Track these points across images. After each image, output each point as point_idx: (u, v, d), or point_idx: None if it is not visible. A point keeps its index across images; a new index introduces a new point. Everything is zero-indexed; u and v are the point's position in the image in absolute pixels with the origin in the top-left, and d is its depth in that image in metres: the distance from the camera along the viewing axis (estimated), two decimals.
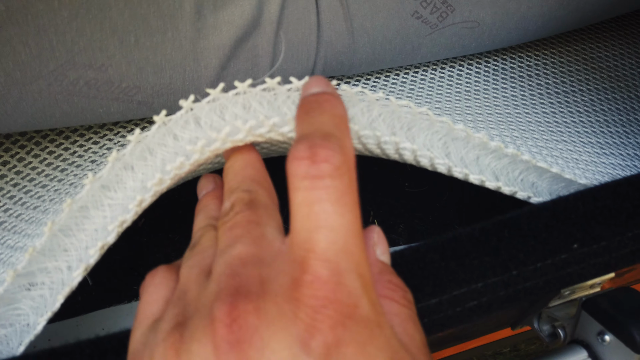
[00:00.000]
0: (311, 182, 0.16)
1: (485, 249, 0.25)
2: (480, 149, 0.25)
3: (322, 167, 0.16)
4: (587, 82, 0.48)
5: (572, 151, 0.37)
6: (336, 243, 0.15)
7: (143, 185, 0.22)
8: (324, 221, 0.16)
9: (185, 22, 0.29)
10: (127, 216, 0.22)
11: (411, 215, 0.40)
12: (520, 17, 0.38)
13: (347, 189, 0.16)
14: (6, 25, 0.22)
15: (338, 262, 0.15)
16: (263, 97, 0.22)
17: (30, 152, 0.39)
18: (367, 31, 0.36)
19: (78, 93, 0.29)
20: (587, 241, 0.25)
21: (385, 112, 0.23)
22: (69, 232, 0.23)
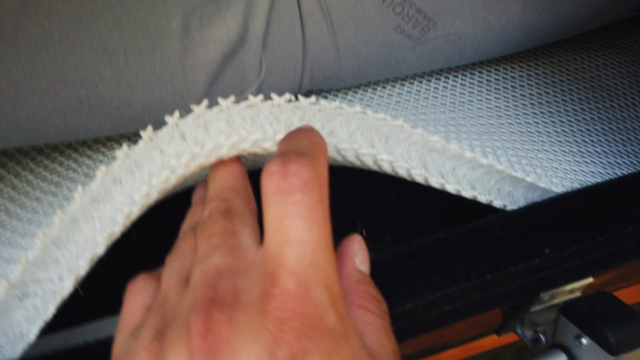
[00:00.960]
0: (282, 197, 0.17)
1: (459, 254, 0.26)
2: (457, 160, 0.26)
3: (292, 181, 0.17)
4: (571, 93, 0.49)
5: (552, 160, 0.38)
6: (305, 257, 0.16)
7: (131, 198, 0.23)
8: (293, 236, 0.16)
9: (172, 40, 0.30)
10: (116, 228, 0.23)
11: (398, 225, 0.41)
12: (500, 29, 0.40)
13: (317, 204, 0.17)
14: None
15: (306, 276, 0.16)
16: (246, 113, 0.23)
17: (25, 166, 0.39)
18: (352, 46, 0.37)
19: (71, 110, 0.31)
20: (559, 246, 0.26)
21: (363, 125, 0.24)
22: (59, 244, 0.23)
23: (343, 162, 0.26)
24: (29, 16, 0.22)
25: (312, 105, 0.23)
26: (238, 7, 0.30)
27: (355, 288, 0.20)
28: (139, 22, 0.27)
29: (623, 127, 0.46)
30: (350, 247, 0.22)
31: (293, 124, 0.23)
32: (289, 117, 0.22)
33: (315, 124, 0.23)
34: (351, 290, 0.20)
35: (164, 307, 0.18)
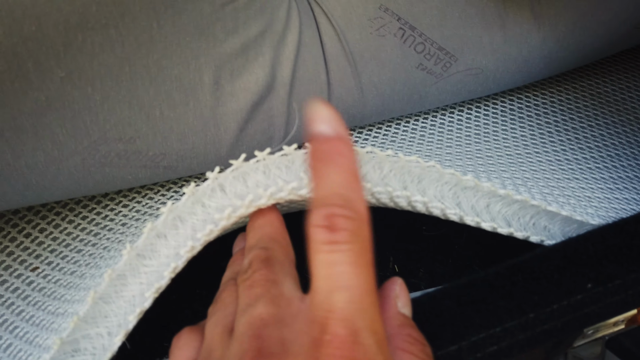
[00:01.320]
0: (330, 247, 0.17)
1: (499, 293, 0.26)
2: (490, 197, 0.26)
3: (339, 235, 0.17)
4: (596, 117, 0.49)
5: (584, 189, 0.38)
6: (353, 302, 0.17)
7: (176, 252, 0.23)
8: (342, 282, 0.17)
9: (205, 93, 0.31)
10: (162, 282, 0.24)
11: (431, 259, 0.41)
12: (522, 60, 0.40)
13: (362, 250, 0.17)
14: (46, 112, 0.24)
15: (355, 321, 0.16)
16: (281, 162, 0.24)
17: (65, 218, 0.41)
18: (375, 85, 0.38)
19: (109, 164, 0.32)
20: (601, 280, 0.26)
21: (395, 168, 0.25)
22: (108, 300, 0.24)
23: (377, 203, 0.27)
24: (73, 83, 0.24)
25: None
26: (266, 57, 0.32)
27: (399, 331, 0.20)
28: (174, 79, 0.28)
29: None
30: (392, 290, 0.22)
31: None
32: None
33: None
34: (395, 333, 0.20)
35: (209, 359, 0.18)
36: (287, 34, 0.32)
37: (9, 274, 0.37)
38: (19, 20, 0.20)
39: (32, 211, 0.41)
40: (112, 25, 0.23)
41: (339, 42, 0.34)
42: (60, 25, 0.21)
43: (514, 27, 0.37)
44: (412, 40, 0.35)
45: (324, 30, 0.34)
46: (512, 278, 0.27)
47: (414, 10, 0.34)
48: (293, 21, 0.32)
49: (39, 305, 0.33)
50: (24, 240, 0.40)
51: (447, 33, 0.35)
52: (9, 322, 0.32)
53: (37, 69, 0.22)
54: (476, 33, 0.36)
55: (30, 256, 0.38)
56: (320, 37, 0.34)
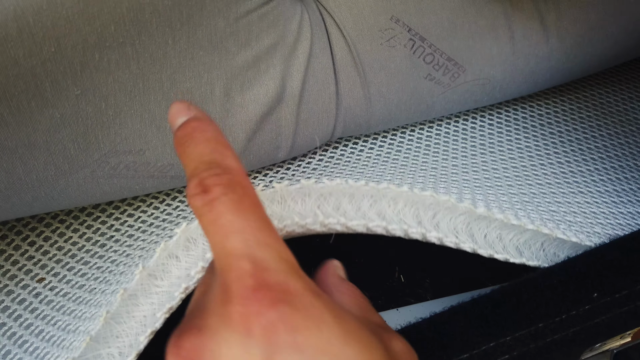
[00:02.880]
0: (209, 206, 0.18)
1: (507, 306, 0.26)
2: (502, 228, 0.26)
3: (213, 192, 0.18)
4: (599, 128, 0.49)
5: (589, 203, 0.38)
6: (247, 240, 0.17)
7: (187, 273, 0.23)
8: (230, 228, 0.17)
9: (215, 105, 0.31)
10: (174, 303, 0.24)
11: (436, 270, 0.41)
12: (529, 71, 0.40)
13: (242, 197, 0.18)
14: (60, 129, 0.24)
15: (255, 254, 0.17)
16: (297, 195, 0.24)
17: (69, 226, 0.40)
18: (384, 95, 0.38)
19: (118, 175, 0.32)
20: (607, 291, 0.26)
21: (410, 202, 0.25)
22: (120, 320, 0.24)
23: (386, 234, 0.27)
24: (87, 100, 0.24)
25: (361, 187, 0.24)
26: (277, 69, 0.31)
27: (341, 282, 0.22)
28: (186, 92, 0.28)
29: None
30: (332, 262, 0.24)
31: (341, 205, 0.24)
32: (337, 198, 0.23)
33: (364, 204, 0.24)
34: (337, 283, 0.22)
35: None
36: (299, 46, 0.32)
37: (14, 284, 0.36)
38: (39, 42, 0.19)
39: (36, 218, 0.41)
40: (128, 44, 0.22)
41: (349, 52, 0.34)
42: (78, 45, 0.21)
43: (523, 39, 0.37)
44: (422, 51, 0.35)
45: (334, 41, 0.34)
46: (518, 293, 0.27)
47: (425, 22, 0.34)
48: (304, 33, 0.32)
49: (47, 320, 0.33)
50: (28, 248, 0.39)
51: (457, 44, 0.35)
52: (17, 335, 0.32)
53: (53, 88, 0.21)
54: (485, 44, 0.36)
55: (35, 266, 0.38)
56: (331, 48, 0.34)
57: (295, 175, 0.42)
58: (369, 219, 0.25)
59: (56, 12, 0.19)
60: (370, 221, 0.25)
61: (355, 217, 0.25)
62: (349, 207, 0.25)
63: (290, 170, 0.43)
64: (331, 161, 0.44)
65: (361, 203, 0.25)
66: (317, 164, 0.44)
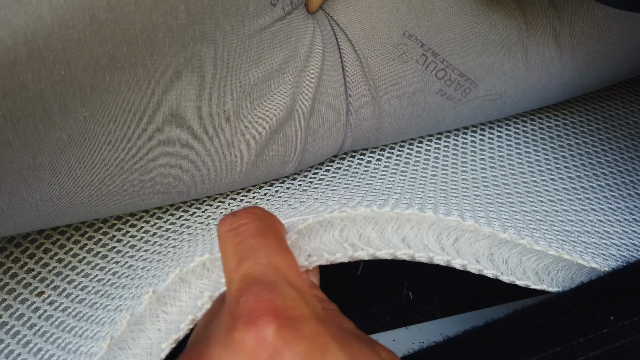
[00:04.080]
0: (235, 230, 0.19)
1: (521, 331, 0.26)
2: (524, 253, 0.26)
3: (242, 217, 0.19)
4: (609, 141, 0.48)
5: (602, 222, 0.37)
6: (261, 264, 0.17)
7: (195, 303, 0.23)
8: (248, 252, 0.18)
9: (225, 122, 0.30)
10: (180, 334, 0.23)
11: (446, 287, 0.40)
12: (540, 87, 0.39)
13: (267, 228, 0.19)
14: (66, 150, 0.23)
15: (266, 277, 0.17)
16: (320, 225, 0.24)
17: (70, 237, 0.39)
18: (394, 111, 0.37)
19: (123, 193, 0.31)
20: (624, 314, 0.26)
21: (433, 226, 0.24)
22: (124, 345, 0.23)
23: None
24: (96, 121, 0.23)
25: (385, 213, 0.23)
26: (287, 85, 0.31)
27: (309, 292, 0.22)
28: (195, 110, 0.27)
29: None
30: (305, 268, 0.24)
31: (365, 232, 0.23)
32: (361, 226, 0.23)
33: (388, 229, 0.24)
34: None
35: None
36: (310, 62, 0.31)
37: (12, 299, 0.35)
38: (49, 65, 0.19)
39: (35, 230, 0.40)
40: (140, 64, 0.22)
41: (361, 68, 0.33)
42: (89, 67, 0.20)
43: (536, 55, 0.36)
44: (434, 66, 0.34)
45: (346, 56, 0.33)
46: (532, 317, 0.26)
47: (438, 37, 0.33)
48: (316, 49, 0.31)
49: (47, 337, 0.32)
50: (27, 261, 0.38)
51: (469, 60, 0.35)
52: (15, 353, 0.31)
53: (62, 111, 0.21)
54: (498, 60, 0.35)
55: (35, 279, 0.37)
56: (343, 64, 0.33)
57: (301, 186, 0.41)
58: (396, 248, 0.24)
59: (68, 34, 0.18)
60: (397, 250, 0.24)
61: (382, 246, 0.24)
62: (374, 234, 0.24)
63: (297, 181, 0.42)
64: (338, 172, 0.43)
65: (385, 229, 0.24)
66: (324, 174, 0.43)
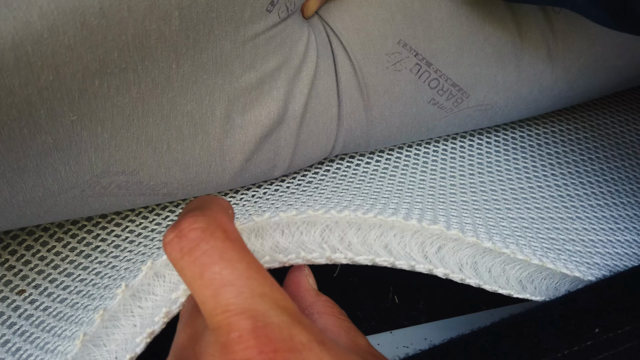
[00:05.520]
0: (189, 257, 0.17)
1: (507, 342, 0.26)
2: (507, 262, 0.26)
3: (190, 237, 0.17)
4: (596, 150, 0.49)
5: (587, 230, 0.38)
6: (243, 293, 0.16)
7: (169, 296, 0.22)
8: (220, 282, 0.16)
9: (215, 126, 0.30)
10: (156, 328, 0.23)
11: (431, 292, 0.40)
12: (531, 99, 0.40)
13: (225, 244, 0.17)
14: (52, 153, 0.23)
15: (254, 308, 0.16)
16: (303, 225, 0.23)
17: (53, 235, 0.39)
18: (385, 118, 0.37)
19: (108, 194, 0.30)
20: (609, 327, 0.26)
21: (417, 234, 0.24)
22: (99, 342, 0.23)
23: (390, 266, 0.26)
24: (83, 125, 0.22)
25: (368, 219, 0.23)
26: (280, 91, 0.30)
27: (317, 299, 0.22)
28: (186, 114, 0.27)
29: None
30: (302, 270, 0.23)
31: (346, 236, 0.23)
32: (343, 230, 0.22)
33: (371, 236, 0.23)
34: (314, 301, 0.21)
35: None
36: (304, 68, 0.31)
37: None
38: (37, 71, 0.18)
39: None
40: (131, 69, 0.21)
41: (354, 75, 0.33)
42: (78, 73, 0.19)
43: (529, 67, 0.36)
44: (427, 75, 0.34)
45: (340, 63, 0.33)
46: (519, 327, 0.26)
47: (433, 47, 0.33)
48: (310, 55, 0.31)
49: (26, 336, 0.31)
50: (9, 258, 0.38)
51: (463, 70, 0.35)
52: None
53: (48, 115, 0.20)
54: (491, 72, 0.35)
55: (16, 277, 0.36)
56: (336, 70, 0.33)
57: (290, 188, 0.41)
58: (376, 254, 0.24)
59: (57, 40, 0.18)
60: (377, 256, 0.24)
61: (362, 251, 0.24)
62: (355, 239, 0.24)
63: (285, 183, 0.42)
64: (327, 175, 0.43)
65: (368, 235, 0.24)
66: (313, 177, 0.43)
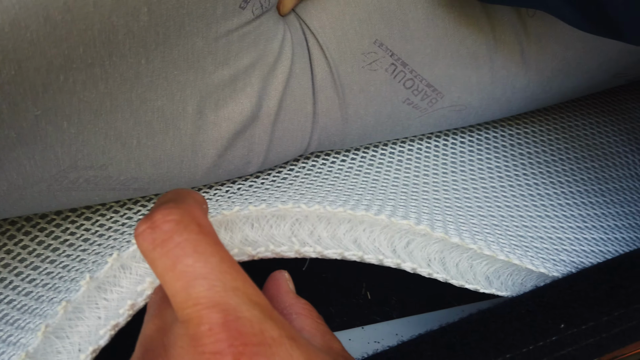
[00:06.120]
0: (162, 248, 0.16)
1: (474, 336, 0.26)
2: (474, 258, 0.26)
3: (163, 228, 0.16)
4: (567, 151, 0.50)
5: (555, 228, 0.38)
6: (215, 286, 0.16)
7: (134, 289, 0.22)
8: (192, 275, 0.16)
9: (186, 122, 0.29)
10: (120, 320, 0.22)
11: (403, 288, 0.41)
12: (505, 100, 0.40)
13: (198, 237, 0.17)
14: (15, 147, 0.22)
15: (226, 301, 0.16)
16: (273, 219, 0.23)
17: (20, 228, 0.38)
18: (361, 117, 0.37)
19: (77, 189, 0.30)
20: (574, 322, 0.27)
21: (386, 229, 0.24)
22: (62, 334, 0.23)
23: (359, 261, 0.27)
24: (48, 119, 0.22)
25: (338, 213, 0.23)
26: (254, 87, 0.30)
27: (296, 302, 0.22)
28: (156, 110, 0.26)
29: (619, 187, 0.47)
30: (282, 274, 0.23)
31: (316, 230, 0.23)
32: (313, 224, 0.23)
33: (340, 230, 0.23)
34: (293, 303, 0.22)
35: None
36: (278, 65, 0.30)
37: None
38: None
39: None
40: (98, 65, 0.21)
41: (330, 74, 0.33)
42: (42, 68, 0.19)
43: (502, 69, 0.36)
44: (403, 76, 0.34)
45: (316, 61, 0.32)
46: (486, 322, 0.27)
47: (409, 47, 0.33)
48: (286, 52, 0.31)
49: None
50: None
51: (438, 71, 0.35)
52: None
53: (11, 110, 0.19)
54: (465, 73, 0.35)
55: None
56: (312, 68, 0.33)
57: (264, 184, 0.41)
58: (345, 248, 0.24)
59: (19, 35, 0.17)
60: (346, 250, 0.24)
61: (331, 245, 0.24)
62: (325, 233, 0.24)
63: (260, 179, 0.42)
64: (302, 171, 0.43)
65: (337, 229, 0.24)
66: (288, 173, 0.43)
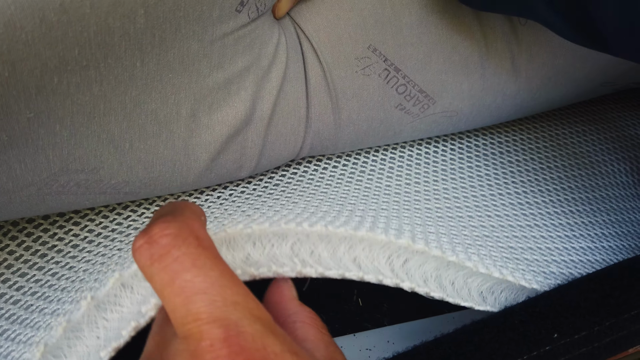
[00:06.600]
0: (160, 263, 0.16)
1: (468, 347, 0.26)
2: (469, 275, 0.26)
3: (161, 243, 0.16)
4: (555, 159, 0.50)
5: (545, 238, 0.39)
6: (216, 301, 0.16)
7: (138, 309, 0.22)
8: (191, 290, 0.16)
9: (179, 125, 0.29)
10: (121, 341, 0.22)
11: (395, 294, 0.41)
12: (495, 107, 0.41)
13: (197, 250, 0.17)
14: (6, 150, 0.22)
15: (226, 316, 0.16)
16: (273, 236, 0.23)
17: (7, 233, 0.37)
18: (353, 122, 0.37)
19: (67, 192, 0.29)
20: (567, 332, 0.27)
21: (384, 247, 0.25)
22: (59, 354, 0.22)
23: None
24: (40, 122, 0.21)
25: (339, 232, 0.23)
26: (248, 92, 0.30)
27: (301, 310, 0.21)
28: (149, 113, 0.26)
29: (605, 195, 0.48)
30: (286, 281, 0.23)
31: (316, 249, 0.23)
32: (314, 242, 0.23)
33: (340, 249, 0.23)
34: (297, 311, 0.21)
35: None
36: (273, 69, 0.30)
37: None
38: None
39: None
40: (92, 67, 0.20)
41: (324, 78, 0.33)
42: (36, 69, 0.18)
43: (493, 77, 0.37)
44: (396, 81, 0.34)
45: (310, 65, 0.33)
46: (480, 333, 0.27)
47: (402, 53, 0.33)
48: (280, 56, 0.31)
49: None
50: None
51: (430, 77, 0.35)
52: None
53: (3, 112, 0.19)
54: (457, 79, 0.36)
55: None
56: (306, 73, 0.33)
57: (256, 190, 0.41)
58: (346, 268, 0.24)
59: (14, 36, 0.17)
60: (347, 271, 0.24)
61: (332, 265, 0.24)
62: (325, 253, 0.24)
63: (252, 185, 0.42)
64: (294, 178, 0.43)
65: (337, 249, 0.24)
66: (280, 179, 0.43)
